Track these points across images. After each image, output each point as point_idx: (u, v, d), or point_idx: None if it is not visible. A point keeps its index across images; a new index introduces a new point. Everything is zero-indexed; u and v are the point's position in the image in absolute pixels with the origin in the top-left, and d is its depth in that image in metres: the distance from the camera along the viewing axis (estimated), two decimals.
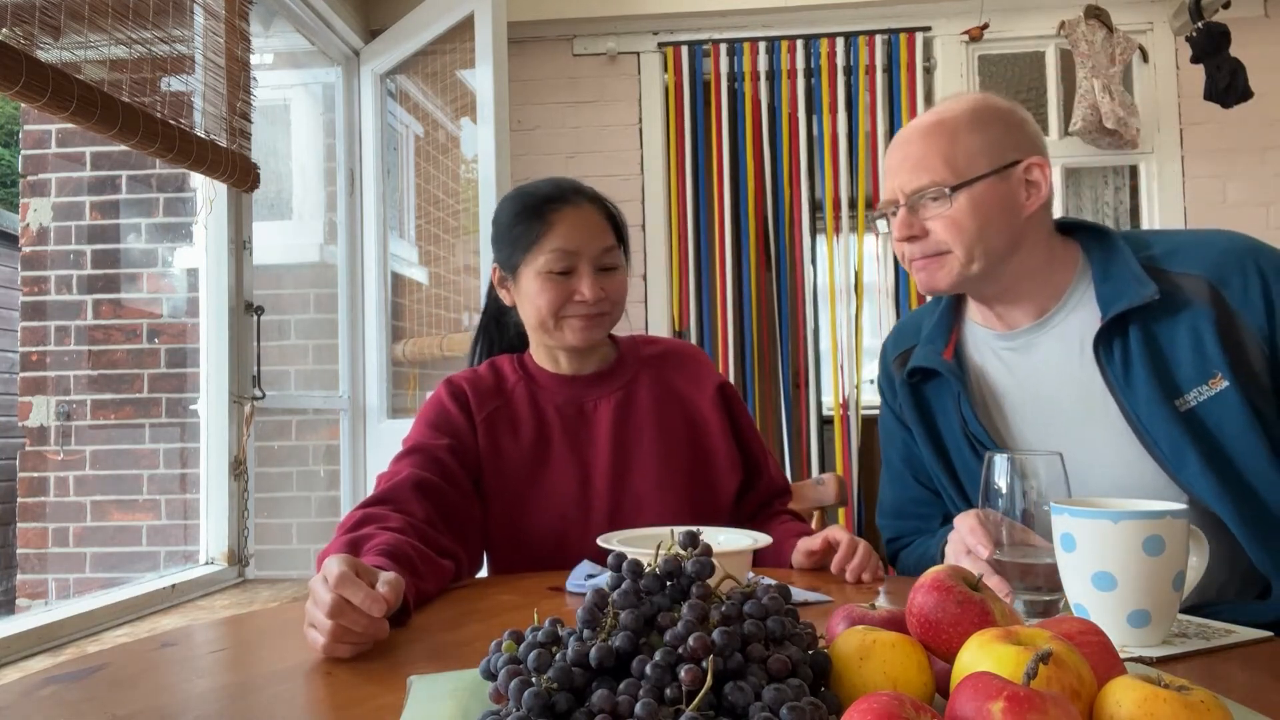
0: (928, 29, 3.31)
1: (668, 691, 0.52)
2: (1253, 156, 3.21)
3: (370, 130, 3.12)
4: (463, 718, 0.61)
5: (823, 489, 1.75)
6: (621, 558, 0.62)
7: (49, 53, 1.64)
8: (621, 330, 1.42)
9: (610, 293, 1.31)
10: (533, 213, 1.31)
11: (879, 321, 3.33)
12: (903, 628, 0.62)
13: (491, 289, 1.48)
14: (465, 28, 2.74)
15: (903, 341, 1.33)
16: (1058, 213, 1.22)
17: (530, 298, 1.31)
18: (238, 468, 2.32)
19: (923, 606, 0.61)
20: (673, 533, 0.65)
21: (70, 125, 2.04)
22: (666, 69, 3.39)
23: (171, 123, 1.96)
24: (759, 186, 3.37)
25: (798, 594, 0.99)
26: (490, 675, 0.59)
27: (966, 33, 3.27)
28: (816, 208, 3.38)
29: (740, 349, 3.35)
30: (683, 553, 0.62)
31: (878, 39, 3.29)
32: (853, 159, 3.33)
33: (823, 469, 3.33)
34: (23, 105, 1.99)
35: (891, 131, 3.31)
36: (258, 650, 0.90)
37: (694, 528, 0.65)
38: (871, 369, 3.37)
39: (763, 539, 1.07)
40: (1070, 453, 1.03)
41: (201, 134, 2.10)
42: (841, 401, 3.27)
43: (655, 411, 1.37)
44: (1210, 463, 1.04)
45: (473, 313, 2.96)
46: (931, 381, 1.25)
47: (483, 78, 2.65)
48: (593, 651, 0.54)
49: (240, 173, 2.26)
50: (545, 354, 1.39)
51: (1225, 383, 1.05)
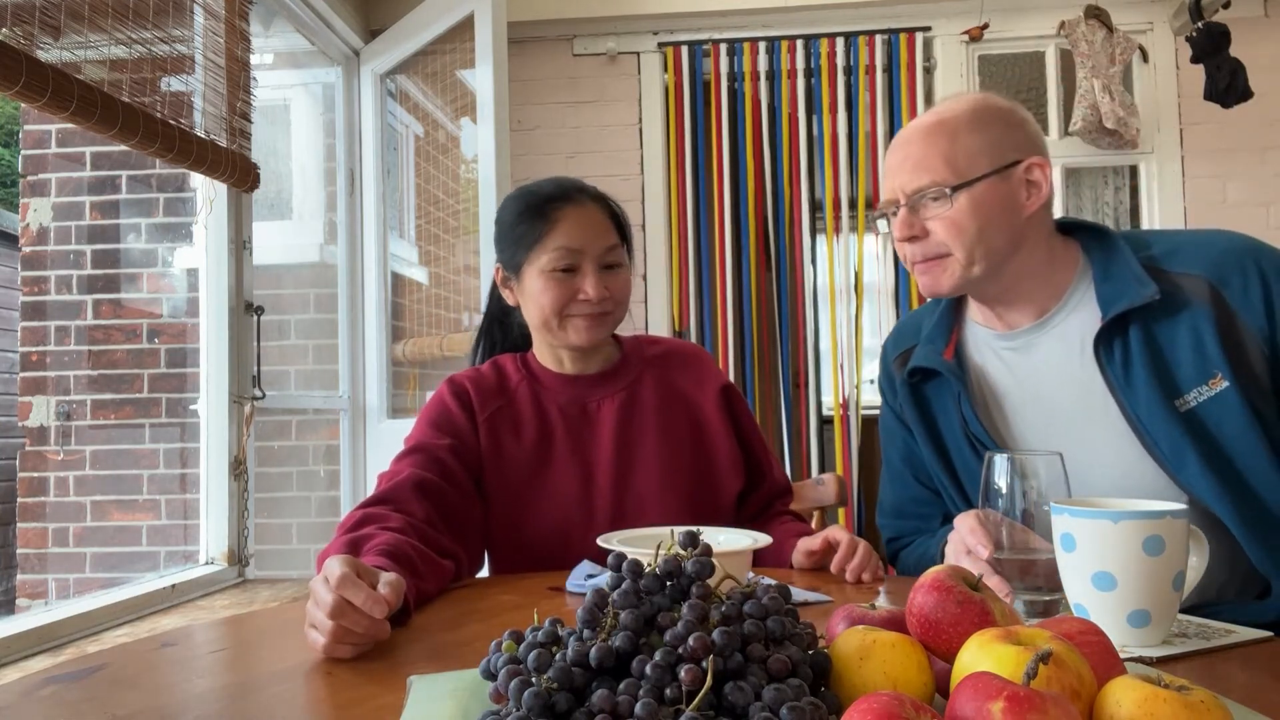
0: (928, 29, 3.31)
1: (668, 691, 0.52)
2: (1253, 156, 3.21)
3: (370, 130, 3.12)
4: (463, 718, 0.61)
5: (823, 489, 1.75)
6: (621, 558, 0.62)
7: (49, 53, 1.64)
8: (624, 330, 1.42)
9: (614, 291, 1.31)
10: (536, 211, 1.31)
11: (879, 321, 3.33)
12: (903, 628, 0.62)
13: (494, 290, 1.47)
14: (465, 28, 2.74)
15: (903, 341, 1.33)
16: (1058, 213, 1.22)
17: (534, 297, 1.31)
18: (238, 468, 2.32)
19: (923, 606, 0.61)
20: (673, 533, 0.65)
21: (70, 125, 2.04)
22: (666, 69, 3.39)
23: (171, 123, 1.96)
24: (759, 186, 3.37)
25: (798, 594, 0.99)
26: (490, 675, 0.59)
27: (966, 33, 3.27)
28: (816, 208, 3.38)
29: (740, 349, 3.35)
30: (683, 553, 0.62)
31: (878, 39, 3.29)
32: (853, 159, 3.33)
33: (823, 469, 3.33)
34: (23, 105, 1.99)
35: (891, 131, 3.30)
36: (258, 650, 0.90)
37: (694, 528, 0.65)
38: (871, 369, 3.37)
39: (763, 539, 1.07)
40: (1070, 453, 1.03)
41: (201, 134, 2.10)
42: (841, 401, 3.27)
43: (658, 412, 1.37)
44: (1210, 463, 1.04)
45: (473, 313, 2.96)
46: (932, 381, 1.26)
47: (483, 78, 2.65)
48: (593, 651, 0.54)
49: (240, 173, 2.26)
50: (549, 353, 1.39)
51: (1225, 383, 1.05)
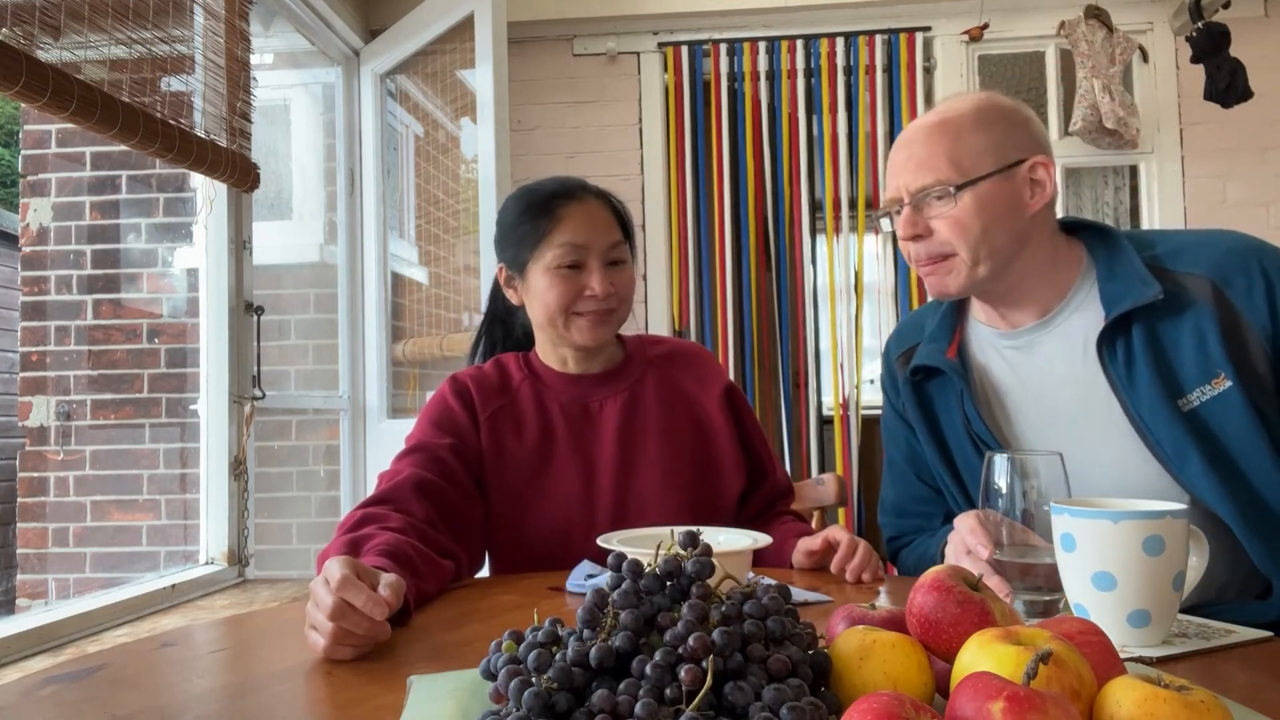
0: (928, 29, 3.30)
1: (668, 691, 0.52)
2: (1253, 156, 3.20)
3: (370, 130, 3.12)
4: (463, 718, 0.61)
5: (823, 489, 1.75)
6: (621, 558, 0.62)
7: (49, 53, 1.64)
8: (625, 330, 1.42)
9: (619, 288, 1.31)
10: (539, 209, 1.31)
11: (879, 321, 3.33)
12: (903, 628, 0.62)
13: (495, 290, 1.47)
14: (465, 28, 2.74)
15: (906, 340, 1.33)
16: (1057, 213, 1.22)
17: (539, 295, 1.30)
18: (238, 468, 2.32)
19: (923, 606, 0.61)
20: (672, 533, 0.65)
21: (70, 125, 2.04)
22: (666, 69, 3.39)
23: (171, 123, 1.96)
24: (759, 186, 3.36)
25: (798, 594, 0.99)
26: (490, 675, 0.59)
27: (966, 33, 3.27)
28: (816, 208, 3.38)
29: (740, 349, 3.34)
30: (683, 553, 0.62)
31: (878, 39, 3.29)
32: (853, 159, 3.33)
33: (823, 469, 3.33)
34: (23, 105, 1.99)
35: (891, 131, 3.30)
36: (258, 650, 0.90)
37: (694, 528, 0.65)
38: (871, 369, 3.39)
39: (763, 539, 1.07)
40: (1072, 452, 1.03)
41: (201, 134, 2.10)
42: (841, 401, 3.27)
43: (661, 412, 1.37)
44: (1212, 463, 1.04)
45: (473, 313, 2.96)
46: (934, 380, 1.25)
47: (483, 78, 2.65)
48: (593, 651, 0.54)
49: (240, 173, 2.26)
50: (552, 353, 1.39)
51: (1228, 383, 1.05)
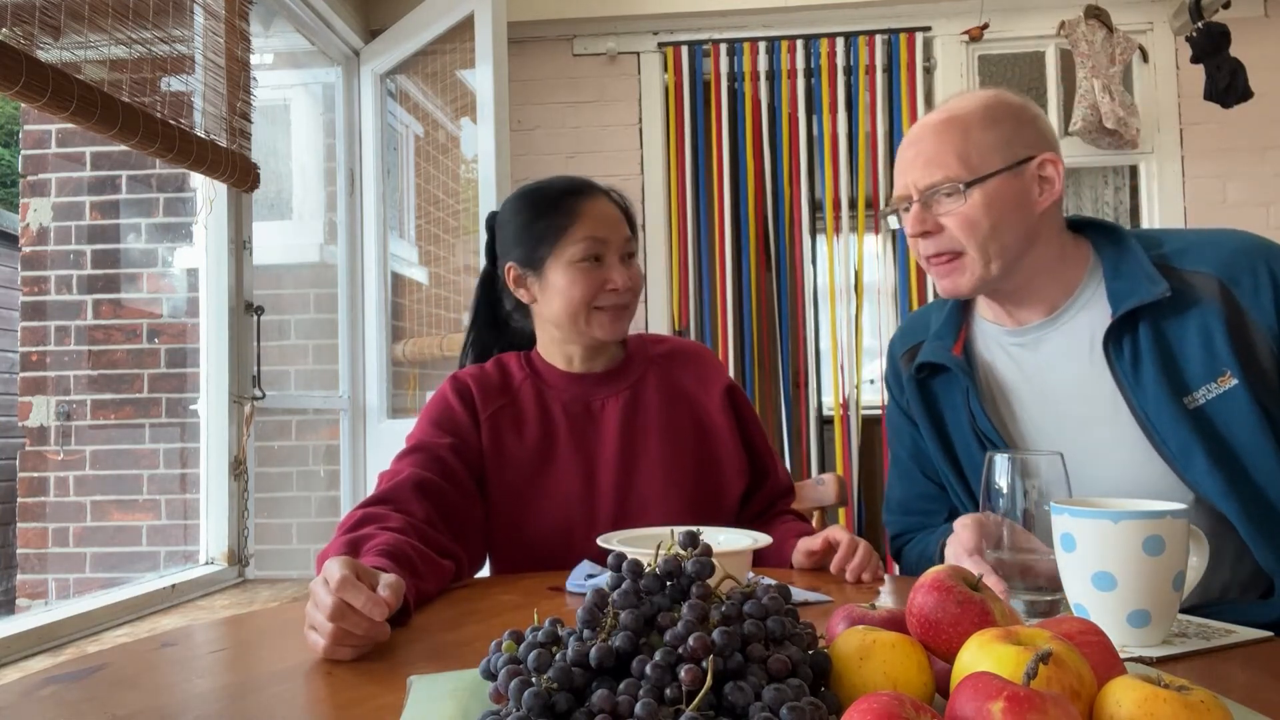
0: (928, 29, 3.30)
1: (668, 691, 0.52)
2: (1253, 156, 3.20)
3: (370, 130, 3.12)
4: (463, 718, 0.61)
5: (823, 489, 1.75)
6: (621, 558, 0.62)
7: (49, 53, 1.64)
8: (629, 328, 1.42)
9: (634, 282, 1.33)
10: (556, 206, 1.32)
11: (879, 321, 3.33)
12: (903, 628, 0.62)
13: (486, 294, 1.47)
14: (465, 28, 2.74)
15: (911, 337, 1.33)
16: None
17: (561, 291, 1.30)
18: (238, 468, 2.32)
19: (923, 606, 0.61)
20: (672, 533, 0.65)
21: (70, 125, 2.04)
22: (666, 69, 3.39)
23: (171, 123, 1.96)
24: (759, 186, 3.36)
25: (798, 594, 0.99)
26: (490, 675, 0.59)
27: (966, 33, 3.27)
28: (816, 208, 3.38)
29: (740, 349, 3.34)
30: (683, 553, 0.62)
31: (878, 39, 3.29)
32: (853, 159, 3.33)
33: (823, 469, 3.33)
34: (23, 105, 1.99)
35: (892, 131, 3.31)
36: (258, 650, 0.90)
37: (694, 528, 0.65)
38: (871, 369, 3.39)
39: (763, 539, 1.07)
40: (1077, 449, 1.03)
41: (201, 134, 2.10)
42: (841, 401, 3.27)
43: (663, 411, 1.37)
44: (1217, 461, 1.04)
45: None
46: (939, 377, 1.25)
47: (483, 78, 2.65)
48: (593, 651, 0.54)
49: (240, 173, 2.26)
50: (557, 351, 1.39)
51: (1234, 381, 1.05)
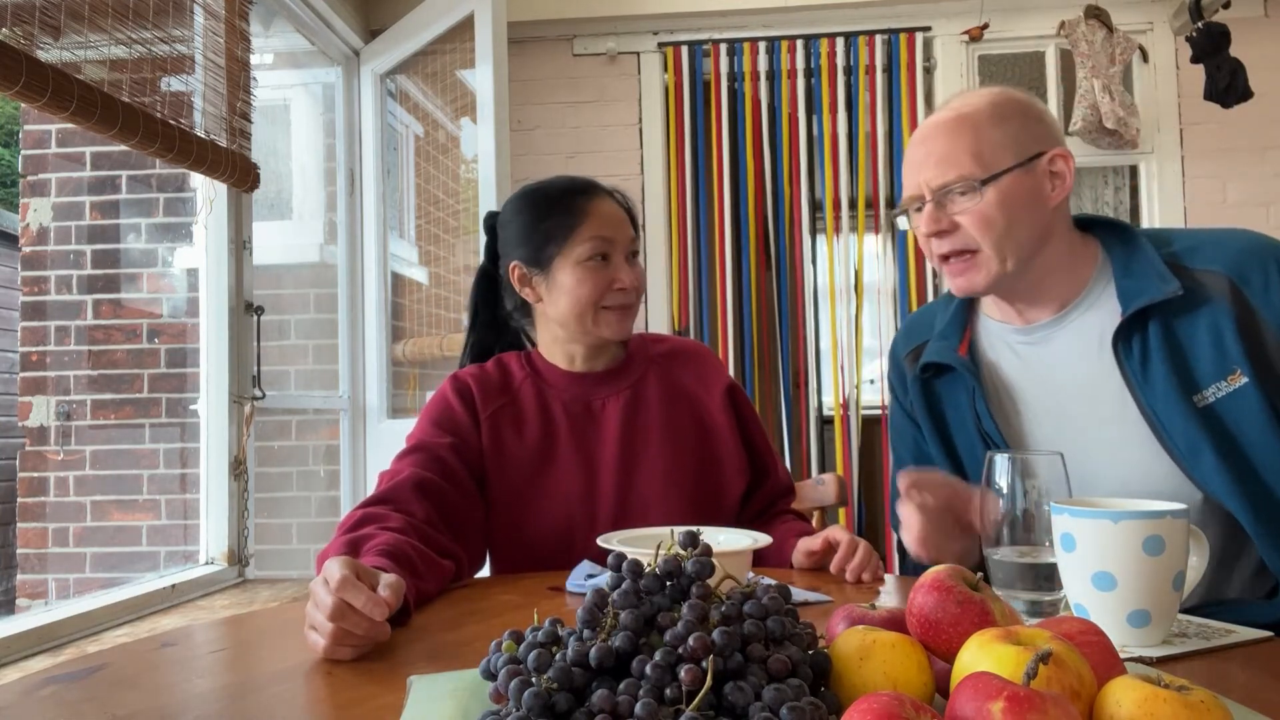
0: (928, 29, 3.30)
1: (668, 691, 0.52)
2: (1253, 156, 3.20)
3: (370, 130, 3.12)
4: (463, 718, 0.61)
5: (823, 489, 1.75)
6: (621, 558, 0.62)
7: (49, 53, 1.64)
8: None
9: (639, 281, 1.34)
10: (562, 206, 1.32)
11: (879, 321, 3.33)
12: (903, 628, 0.62)
13: (483, 293, 1.46)
14: (465, 28, 2.74)
15: (914, 337, 1.32)
16: None
17: (568, 290, 1.30)
18: (238, 468, 2.32)
19: (923, 606, 0.61)
20: (672, 533, 0.65)
21: (70, 125, 2.04)
22: (666, 69, 3.39)
23: (171, 123, 1.96)
24: (759, 186, 3.36)
25: (798, 594, 0.99)
26: (490, 675, 0.59)
27: (966, 33, 3.27)
28: (816, 208, 3.38)
29: (740, 349, 3.34)
30: (683, 553, 0.62)
31: (878, 39, 3.29)
32: (853, 159, 3.33)
33: (823, 469, 3.33)
34: (23, 105, 1.99)
35: (891, 131, 3.31)
36: (258, 650, 0.90)
37: (694, 528, 0.65)
38: (871, 369, 3.39)
39: (762, 539, 1.07)
40: (1084, 447, 1.02)
41: (201, 134, 2.10)
42: (841, 401, 3.26)
43: (663, 411, 1.37)
44: (1226, 459, 1.04)
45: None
46: (944, 377, 1.25)
47: (483, 78, 2.65)
48: (593, 651, 0.54)
49: (240, 173, 2.26)
50: (560, 350, 1.38)
51: (1244, 379, 1.05)
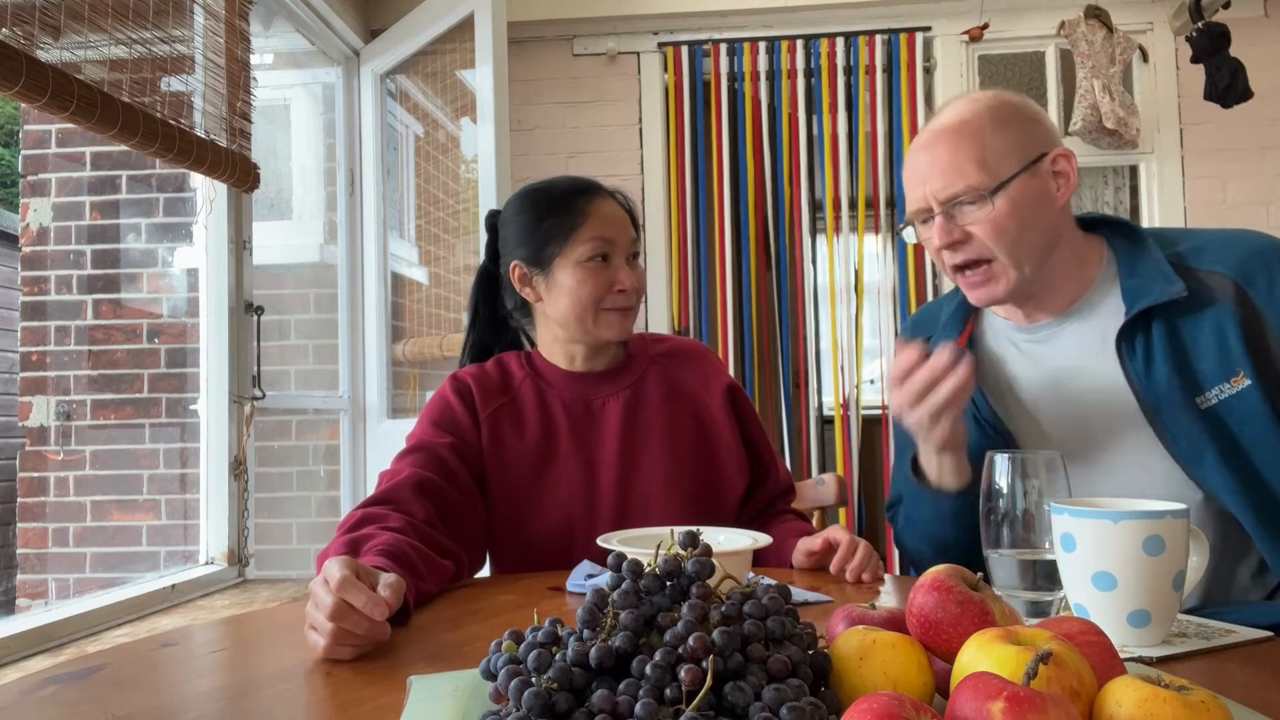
0: (928, 29, 3.30)
1: (668, 691, 0.52)
2: (1253, 156, 3.20)
3: (370, 130, 3.12)
4: (463, 718, 0.61)
5: (823, 489, 1.75)
6: (621, 558, 0.62)
7: (49, 53, 1.64)
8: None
9: (639, 283, 1.34)
10: (564, 206, 1.32)
11: (879, 321, 3.33)
12: (903, 628, 0.62)
13: (483, 292, 1.46)
14: (465, 28, 2.74)
15: (921, 330, 1.34)
16: None
17: (569, 290, 1.30)
18: (238, 468, 2.32)
19: (923, 606, 0.61)
20: (672, 533, 0.65)
21: (70, 125, 2.04)
22: (666, 69, 3.39)
23: (171, 123, 1.96)
24: (759, 186, 3.36)
25: (798, 594, 0.99)
26: (490, 675, 0.59)
27: (966, 33, 3.27)
28: (816, 208, 3.37)
29: (740, 349, 3.34)
30: (682, 553, 0.62)
31: (878, 39, 3.29)
32: (853, 159, 3.33)
33: (823, 469, 3.33)
34: (23, 105, 1.99)
35: (891, 131, 3.31)
36: (258, 650, 0.90)
37: (694, 528, 0.65)
38: (871, 369, 3.39)
39: (762, 539, 1.07)
40: (1086, 446, 1.02)
41: (201, 134, 2.10)
42: (841, 401, 3.26)
43: (663, 410, 1.36)
44: (1228, 460, 1.04)
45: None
46: None
47: (483, 78, 2.65)
48: (593, 651, 0.54)
49: (240, 173, 2.26)
50: (560, 350, 1.38)
51: (1247, 381, 1.05)
